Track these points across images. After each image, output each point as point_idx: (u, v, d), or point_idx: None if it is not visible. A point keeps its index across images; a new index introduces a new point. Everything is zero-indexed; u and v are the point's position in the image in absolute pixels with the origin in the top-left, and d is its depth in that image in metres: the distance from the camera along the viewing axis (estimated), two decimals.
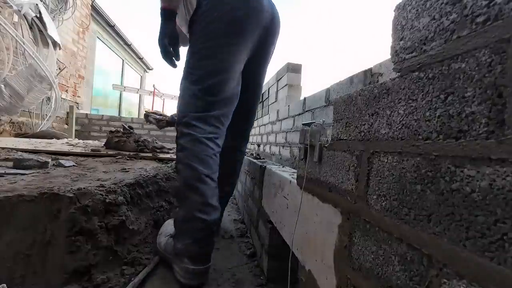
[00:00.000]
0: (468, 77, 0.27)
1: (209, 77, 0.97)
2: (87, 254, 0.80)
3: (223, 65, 0.98)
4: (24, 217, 0.76)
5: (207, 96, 0.97)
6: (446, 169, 0.28)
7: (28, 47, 2.99)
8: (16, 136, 3.32)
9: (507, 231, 0.22)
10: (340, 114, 0.52)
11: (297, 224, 0.68)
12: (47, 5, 3.61)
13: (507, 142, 0.22)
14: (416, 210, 0.32)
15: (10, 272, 0.72)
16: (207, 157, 0.92)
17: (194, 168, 0.89)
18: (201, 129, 0.94)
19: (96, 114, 5.12)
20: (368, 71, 0.89)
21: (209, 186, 0.90)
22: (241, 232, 1.43)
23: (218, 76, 0.98)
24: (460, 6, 0.28)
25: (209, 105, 0.97)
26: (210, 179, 0.91)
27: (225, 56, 0.98)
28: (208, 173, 0.91)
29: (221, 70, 0.98)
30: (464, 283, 0.25)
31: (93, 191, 0.86)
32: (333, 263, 0.50)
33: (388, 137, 0.38)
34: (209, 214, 0.88)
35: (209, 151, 0.93)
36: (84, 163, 1.42)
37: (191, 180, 0.89)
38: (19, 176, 0.98)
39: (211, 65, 0.98)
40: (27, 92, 3.00)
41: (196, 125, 0.94)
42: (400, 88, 0.36)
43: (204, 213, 0.87)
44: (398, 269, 0.34)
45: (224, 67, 0.99)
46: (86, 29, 5.01)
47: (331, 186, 0.53)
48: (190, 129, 0.94)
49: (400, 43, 0.38)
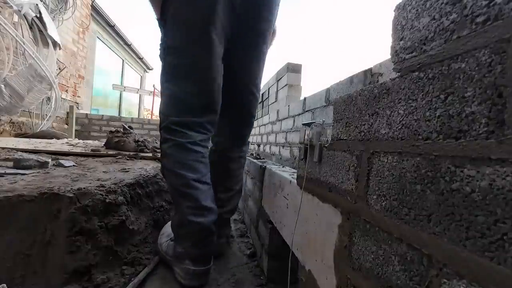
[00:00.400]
0: (468, 77, 0.27)
1: (186, 77, 0.89)
2: (87, 254, 0.80)
3: (196, 61, 0.88)
4: (24, 217, 0.76)
5: (187, 98, 0.90)
6: (446, 169, 0.28)
7: (28, 47, 2.99)
8: (16, 136, 3.32)
9: (507, 231, 0.22)
10: (340, 114, 0.52)
11: (297, 224, 0.68)
12: (47, 5, 3.61)
13: (507, 142, 0.22)
14: (416, 210, 0.32)
15: (10, 272, 0.72)
16: (193, 162, 0.88)
17: (181, 175, 0.85)
18: (183, 134, 0.88)
19: (96, 114, 5.12)
20: (368, 71, 0.89)
21: (200, 190, 0.86)
22: (241, 232, 1.43)
23: (195, 76, 0.89)
24: (460, 6, 0.28)
25: (189, 108, 0.90)
26: (200, 182, 0.87)
27: (197, 50, 0.86)
28: (197, 178, 0.87)
29: (196, 68, 0.88)
30: (464, 283, 0.25)
31: (93, 191, 0.86)
32: (333, 263, 0.50)
33: (388, 137, 0.38)
34: (204, 216, 0.86)
35: (195, 155, 0.88)
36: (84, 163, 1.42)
37: (180, 187, 0.86)
38: (19, 176, 0.98)
39: (184, 63, 0.88)
40: (27, 92, 3.00)
41: (177, 130, 0.88)
42: (400, 88, 0.36)
43: (198, 216, 0.85)
44: (398, 269, 0.34)
45: (198, 63, 0.88)
46: (86, 29, 5.01)
47: (331, 186, 0.53)
48: (171, 135, 0.89)
49: (400, 43, 0.38)
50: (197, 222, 0.84)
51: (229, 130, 1.10)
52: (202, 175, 0.89)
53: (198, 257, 0.85)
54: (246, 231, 1.44)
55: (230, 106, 1.05)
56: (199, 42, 0.86)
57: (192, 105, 0.90)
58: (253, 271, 1.01)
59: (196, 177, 0.87)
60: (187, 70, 0.89)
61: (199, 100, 0.91)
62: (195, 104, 0.90)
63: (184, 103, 0.90)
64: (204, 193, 0.88)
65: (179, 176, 0.86)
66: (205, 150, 0.93)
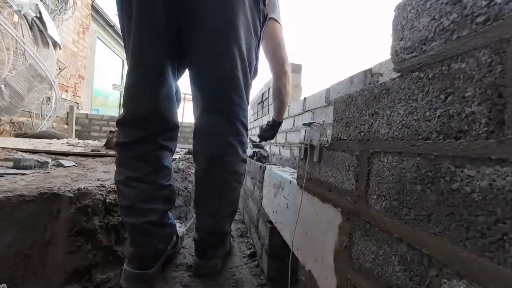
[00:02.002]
0: (468, 77, 0.27)
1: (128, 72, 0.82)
2: (87, 254, 0.80)
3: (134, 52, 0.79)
4: (24, 217, 0.76)
5: (125, 95, 0.82)
6: (446, 169, 0.28)
7: (28, 47, 3.00)
8: (16, 136, 3.32)
9: (507, 231, 0.22)
10: (340, 114, 0.52)
11: (297, 224, 0.68)
12: (47, 5, 3.61)
13: (507, 142, 0.22)
14: (416, 210, 0.32)
15: (10, 272, 0.72)
16: (129, 160, 0.82)
17: (119, 172, 0.82)
18: (121, 133, 0.84)
19: (96, 114, 5.12)
20: (368, 71, 0.89)
21: (134, 189, 0.80)
22: (241, 232, 1.43)
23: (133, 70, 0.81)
24: (460, 6, 0.28)
25: (124, 105, 0.83)
26: (137, 181, 0.80)
27: (135, 39, 0.77)
28: (132, 176, 0.80)
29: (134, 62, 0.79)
30: (464, 283, 0.25)
31: (93, 191, 0.86)
32: (333, 263, 0.50)
33: (388, 137, 0.38)
34: (136, 217, 0.79)
35: (129, 154, 0.82)
36: (84, 163, 1.43)
37: (117, 184, 0.82)
38: (19, 176, 0.98)
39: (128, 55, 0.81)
40: (27, 92, 3.01)
41: (118, 128, 0.85)
42: (400, 88, 0.36)
43: (129, 217, 0.80)
44: (398, 269, 0.34)
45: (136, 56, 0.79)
46: (86, 29, 5.02)
47: (331, 186, 0.53)
48: (117, 133, 0.86)
49: (400, 43, 0.38)
50: (128, 222, 0.80)
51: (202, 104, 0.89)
52: (142, 174, 0.81)
53: (132, 257, 0.80)
54: (246, 231, 1.44)
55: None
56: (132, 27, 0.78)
57: (125, 101, 0.83)
58: (253, 271, 1.01)
59: (131, 175, 0.80)
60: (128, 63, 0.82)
61: (127, 94, 0.82)
62: (125, 100, 0.83)
63: (124, 98, 0.84)
64: (139, 193, 0.80)
65: (118, 172, 0.83)
66: (148, 147, 0.82)
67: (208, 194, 0.92)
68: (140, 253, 0.80)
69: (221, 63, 0.83)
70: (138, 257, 0.80)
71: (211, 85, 0.86)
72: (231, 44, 0.81)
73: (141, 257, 0.80)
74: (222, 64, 0.83)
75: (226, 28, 0.80)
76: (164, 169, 0.86)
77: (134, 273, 0.78)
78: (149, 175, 0.82)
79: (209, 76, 0.85)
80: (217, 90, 0.86)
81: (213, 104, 0.87)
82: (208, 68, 0.84)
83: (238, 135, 0.89)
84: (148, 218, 0.80)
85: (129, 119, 0.82)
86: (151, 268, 0.81)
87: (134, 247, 0.80)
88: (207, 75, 0.85)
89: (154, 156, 0.84)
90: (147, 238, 0.81)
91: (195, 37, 0.81)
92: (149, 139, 0.83)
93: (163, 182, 0.85)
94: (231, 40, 0.81)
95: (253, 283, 0.93)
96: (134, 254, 0.80)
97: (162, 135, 0.85)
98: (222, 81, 0.84)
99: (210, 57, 0.83)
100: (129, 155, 0.82)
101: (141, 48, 0.78)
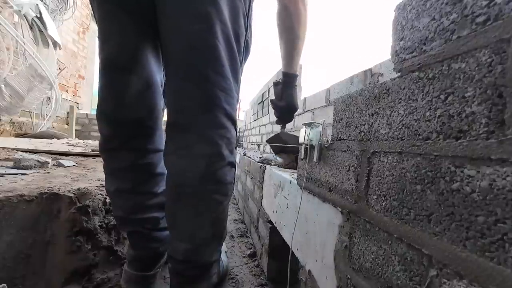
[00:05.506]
0: (468, 77, 0.27)
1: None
2: (87, 254, 0.81)
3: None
4: (24, 217, 0.76)
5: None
6: (446, 169, 0.28)
7: (28, 47, 3.00)
8: (16, 136, 3.32)
9: (507, 231, 0.22)
10: (340, 114, 0.52)
11: (297, 224, 0.68)
12: (47, 5, 3.61)
13: (507, 142, 0.22)
14: (416, 210, 0.32)
15: (10, 272, 0.72)
16: (115, 170, 0.74)
17: (109, 182, 0.76)
18: (100, 136, 0.72)
19: None
20: (368, 71, 0.89)
21: (126, 201, 0.74)
22: (241, 232, 1.43)
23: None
24: (460, 6, 0.28)
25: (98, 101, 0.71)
26: (129, 192, 0.73)
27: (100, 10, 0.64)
28: (123, 188, 0.73)
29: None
30: (464, 283, 0.25)
31: (93, 191, 0.86)
32: (333, 263, 0.50)
33: (388, 137, 0.38)
34: (132, 226, 0.77)
35: (116, 163, 0.73)
36: (84, 163, 1.43)
37: (108, 193, 0.78)
38: (19, 176, 0.98)
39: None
40: (27, 92, 3.01)
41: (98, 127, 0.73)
42: (400, 88, 0.36)
43: (125, 226, 0.78)
44: (398, 269, 0.34)
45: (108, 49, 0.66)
46: (86, 29, 5.02)
47: (331, 186, 0.53)
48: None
49: (400, 43, 0.38)
50: (125, 231, 0.79)
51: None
52: (134, 185, 0.73)
53: (133, 259, 0.79)
54: (246, 231, 1.44)
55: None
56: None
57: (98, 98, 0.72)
58: (253, 271, 1.01)
59: (124, 187, 0.73)
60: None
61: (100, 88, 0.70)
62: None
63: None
64: (135, 204, 0.74)
65: (107, 181, 0.76)
66: (132, 156, 0.71)
67: (179, 208, 0.66)
68: (140, 256, 0.80)
69: (191, 26, 0.59)
70: (138, 260, 0.80)
71: (179, 60, 0.62)
72: (204, 1, 0.59)
73: (141, 260, 0.80)
74: (192, 27, 0.59)
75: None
76: (158, 176, 0.76)
77: (135, 274, 0.78)
78: (140, 185, 0.74)
79: (176, 46, 0.61)
80: (186, 65, 0.61)
81: (182, 86, 0.63)
82: (175, 35, 0.61)
83: (219, 128, 0.63)
84: (144, 226, 0.77)
85: (100, 118, 0.69)
86: (152, 270, 0.81)
87: (134, 250, 0.80)
88: (172, 45, 0.62)
89: (143, 165, 0.72)
90: (146, 242, 0.79)
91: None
92: (131, 144, 0.69)
93: (157, 189, 0.77)
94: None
95: (253, 283, 0.93)
96: (134, 256, 0.79)
97: (148, 138, 0.72)
98: (193, 51, 0.60)
99: (177, 20, 0.60)
100: (116, 166, 0.72)
101: (105, 22, 0.60)
